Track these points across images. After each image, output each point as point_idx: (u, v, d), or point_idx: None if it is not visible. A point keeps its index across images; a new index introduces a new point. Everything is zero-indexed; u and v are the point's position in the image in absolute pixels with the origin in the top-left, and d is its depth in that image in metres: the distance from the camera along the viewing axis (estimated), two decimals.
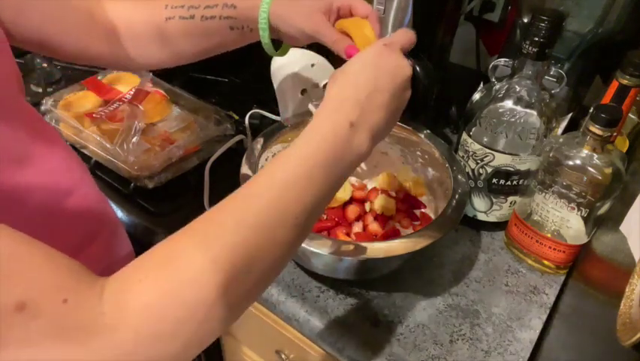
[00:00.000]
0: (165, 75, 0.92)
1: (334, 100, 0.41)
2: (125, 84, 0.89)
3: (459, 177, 0.64)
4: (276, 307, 0.63)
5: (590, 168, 0.56)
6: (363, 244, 0.54)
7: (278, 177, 0.36)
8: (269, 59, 0.74)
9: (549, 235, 0.64)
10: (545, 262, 0.66)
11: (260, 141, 0.67)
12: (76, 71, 1.00)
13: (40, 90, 0.93)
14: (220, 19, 0.54)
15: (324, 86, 0.71)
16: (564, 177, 0.59)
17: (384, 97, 0.41)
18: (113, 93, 0.86)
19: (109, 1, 0.57)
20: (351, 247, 0.54)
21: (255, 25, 0.54)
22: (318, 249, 0.53)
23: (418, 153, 0.73)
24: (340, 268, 0.61)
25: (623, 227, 0.45)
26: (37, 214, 0.45)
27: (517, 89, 0.62)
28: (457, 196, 0.61)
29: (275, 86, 0.76)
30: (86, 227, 0.51)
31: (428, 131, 0.71)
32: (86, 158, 0.78)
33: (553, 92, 0.64)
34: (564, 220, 0.61)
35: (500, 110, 0.62)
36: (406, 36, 0.46)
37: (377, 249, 0.54)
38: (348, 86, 0.41)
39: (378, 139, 0.42)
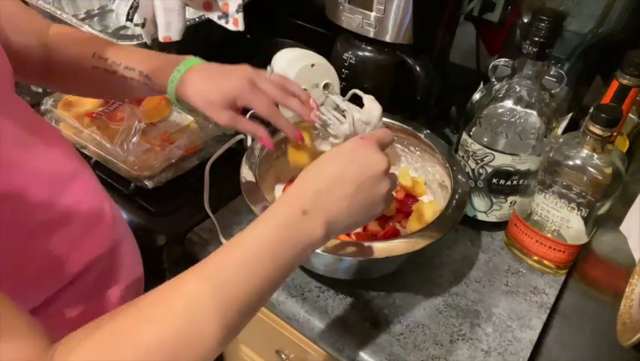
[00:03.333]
0: None
1: (296, 187, 0.43)
2: None
3: (459, 176, 0.64)
4: (276, 307, 0.63)
5: (590, 168, 0.56)
6: (364, 244, 0.54)
7: (233, 256, 0.38)
8: (269, 59, 0.74)
9: (549, 235, 0.64)
10: (545, 262, 0.66)
11: None
12: None
13: (40, 90, 0.93)
14: (138, 81, 0.59)
15: (325, 85, 0.71)
16: (564, 177, 0.59)
17: (349, 188, 0.42)
18: None
19: (54, 27, 0.62)
20: (352, 247, 0.54)
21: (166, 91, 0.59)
22: (318, 249, 0.53)
23: (418, 152, 0.73)
24: (340, 268, 0.61)
25: (623, 227, 0.45)
26: (38, 204, 0.46)
27: (518, 89, 0.62)
28: (457, 196, 0.61)
29: None
30: (87, 218, 0.52)
31: (428, 131, 0.71)
32: (86, 158, 0.78)
33: (553, 92, 0.64)
34: (564, 220, 0.61)
35: (500, 110, 0.62)
36: (385, 133, 0.48)
37: (377, 249, 0.54)
38: (313, 175, 0.43)
39: (338, 229, 0.43)
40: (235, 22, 0.88)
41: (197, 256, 0.70)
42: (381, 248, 0.54)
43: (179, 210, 0.74)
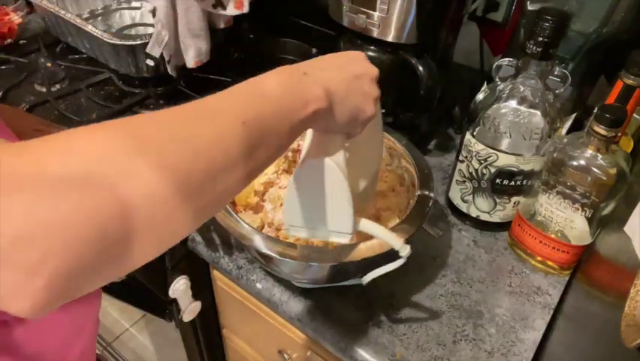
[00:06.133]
0: (166, 76, 0.92)
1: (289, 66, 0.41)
2: None
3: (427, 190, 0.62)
4: (279, 307, 0.63)
5: (594, 169, 0.56)
6: (333, 249, 0.53)
7: (230, 89, 0.35)
8: (272, 59, 0.74)
9: (553, 236, 0.63)
10: (549, 263, 0.66)
11: None
12: (80, 71, 1.00)
13: (44, 90, 0.94)
14: None
15: None
16: (568, 178, 0.59)
17: (345, 66, 0.43)
18: None
19: None
20: (319, 251, 0.53)
21: None
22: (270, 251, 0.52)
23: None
24: (309, 274, 0.60)
25: (628, 228, 0.45)
26: None
27: (521, 89, 0.62)
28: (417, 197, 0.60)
29: None
30: None
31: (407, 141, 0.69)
32: None
33: (557, 92, 0.64)
34: (568, 221, 0.61)
35: (504, 110, 0.62)
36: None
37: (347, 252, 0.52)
38: (308, 61, 0.42)
39: (336, 101, 0.41)
40: (238, 5, 0.87)
41: (198, 256, 0.70)
42: (353, 252, 0.53)
43: None
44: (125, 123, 0.29)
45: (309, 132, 0.49)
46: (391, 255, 0.52)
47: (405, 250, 0.50)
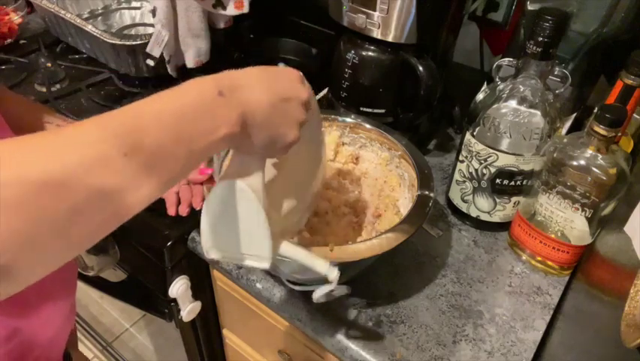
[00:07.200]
0: (166, 76, 0.92)
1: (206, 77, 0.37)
2: None
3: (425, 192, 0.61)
4: (279, 308, 0.63)
5: (594, 169, 0.56)
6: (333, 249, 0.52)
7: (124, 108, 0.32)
8: (272, 58, 0.74)
9: (553, 236, 0.63)
10: (549, 263, 0.66)
11: None
12: (80, 71, 1.00)
13: (44, 90, 0.94)
14: None
15: None
16: (568, 178, 0.59)
17: (267, 85, 0.39)
18: None
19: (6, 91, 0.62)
20: (319, 252, 0.52)
21: None
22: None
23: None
24: (309, 274, 0.58)
25: (628, 228, 0.45)
26: None
27: (521, 89, 0.62)
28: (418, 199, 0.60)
29: None
30: None
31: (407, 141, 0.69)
32: None
33: (557, 92, 0.64)
34: (568, 221, 0.61)
35: (504, 110, 0.62)
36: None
37: (345, 252, 0.52)
38: (228, 73, 0.39)
39: (252, 126, 0.38)
40: (238, 5, 0.87)
41: (198, 256, 0.70)
42: (349, 251, 0.52)
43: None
44: None
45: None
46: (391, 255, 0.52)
47: (332, 274, 0.47)
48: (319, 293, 0.51)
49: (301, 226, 0.60)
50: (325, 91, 0.86)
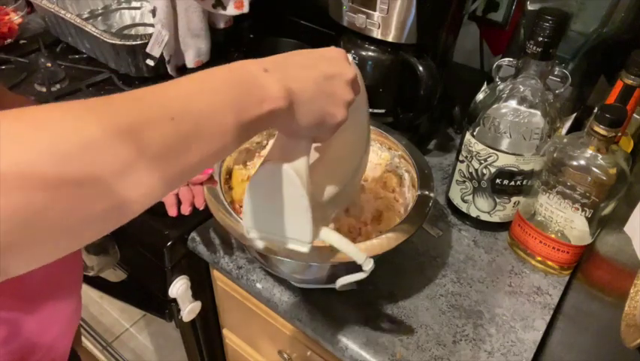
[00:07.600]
0: (166, 76, 0.92)
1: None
2: None
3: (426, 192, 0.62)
4: (279, 307, 0.63)
5: (594, 169, 0.56)
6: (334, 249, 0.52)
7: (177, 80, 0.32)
8: None
9: (553, 236, 0.63)
10: (549, 263, 0.66)
11: None
12: (80, 71, 1.00)
13: (44, 90, 0.94)
14: None
15: None
16: (568, 178, 0.59)
17: (314, 65, 0.39)
18: None
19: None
20: (319, 251, 0.53)
21: None
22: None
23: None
24: (309, 273, 0.59)
25: (628, 228, 0.45)
26: None
27: (521, 89, 0.62)
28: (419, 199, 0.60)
29: None
30: None
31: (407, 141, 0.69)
32: None
33: (557, 92, 0.64)
34: (568, 221, 0.61)
35: (504, 110, 0.62)
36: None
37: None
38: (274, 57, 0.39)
39: (298, 103, 0.37)
40: (238, 5, 0.87)
41: (198, 256, 0.70)
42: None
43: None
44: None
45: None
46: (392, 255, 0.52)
47: (368, 265, 0.48)
48: (346, 280, 0.52)
49: (340, 213, 0.60)
50: None
